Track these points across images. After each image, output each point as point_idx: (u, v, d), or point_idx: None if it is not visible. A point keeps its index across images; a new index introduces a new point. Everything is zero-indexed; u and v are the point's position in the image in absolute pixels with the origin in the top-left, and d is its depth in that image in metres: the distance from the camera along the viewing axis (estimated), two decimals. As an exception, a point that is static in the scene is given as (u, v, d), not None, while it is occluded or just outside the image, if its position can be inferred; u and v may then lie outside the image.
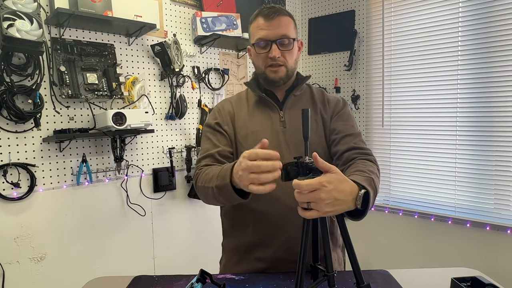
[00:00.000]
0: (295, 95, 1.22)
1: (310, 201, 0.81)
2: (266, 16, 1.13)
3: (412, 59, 2.57)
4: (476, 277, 0.95)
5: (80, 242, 1.97)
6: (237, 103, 1.25)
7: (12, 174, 1.75)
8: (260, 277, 1.05)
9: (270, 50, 1.13)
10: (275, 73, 1.16)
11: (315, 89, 1.29)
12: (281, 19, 1.13)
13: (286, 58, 1.15)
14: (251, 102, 1.24)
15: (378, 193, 1.03)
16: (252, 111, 1.21)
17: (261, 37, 1.13)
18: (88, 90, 1.90)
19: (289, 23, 1.15)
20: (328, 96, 1.26)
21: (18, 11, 1.56)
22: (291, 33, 1.14)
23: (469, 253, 2.35)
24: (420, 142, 2.56)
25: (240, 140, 1.17)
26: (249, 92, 1.27)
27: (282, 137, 1.16)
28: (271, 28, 1.12)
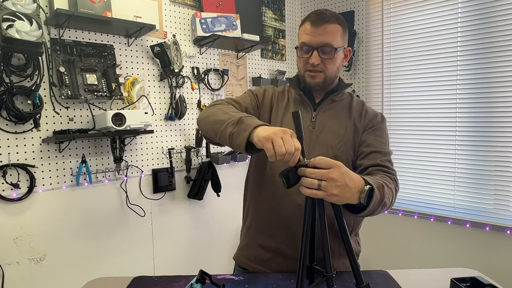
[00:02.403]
0: (333, 100, 1.23)
1: (323, 178, 0.84)
2: (313, 22, 1.13)
3: (412, 59, 2.57)
4: (476, 277, 0.95)
5: (80, 242, 1.97)
6: (280, 94, 1.29)
7: (12, 174, 1.75)
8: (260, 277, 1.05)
9: (310, 56, 1.14)
10: (313, 78, 1.17)
11: (356, 99, 1.30)
12: (327, 27, 1.12)
13: (326, 65, 1.15)
14: (291, 97, 1.27)
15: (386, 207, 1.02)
16: (287, 106, 1.24)
17: (304, 41, 1.15)
18: (87, 91, 1.90)
19: (335, 32, 1.13)
20: (367, 108, 1.26)
21: (17, 12, 1.56)
22: (336, 41, 1.13)
23: (468, 254, 2.36)
24: (420, 143, 2.56)
25: None
26: (290, 89, 1.29)
27: (308, 136, 1.17)
28: (315, 35, 1.13)
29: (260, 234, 1.22)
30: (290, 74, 3.14)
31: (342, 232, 0.88)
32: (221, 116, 1.03)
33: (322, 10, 1.16)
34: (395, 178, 1.11)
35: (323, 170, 0.85)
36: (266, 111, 1.25)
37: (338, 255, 1.16)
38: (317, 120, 1.20)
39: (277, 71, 2.94)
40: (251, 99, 1.25)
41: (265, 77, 2.91)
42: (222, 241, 2.62)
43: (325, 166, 0.85)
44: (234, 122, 0.97)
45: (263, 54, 2.91)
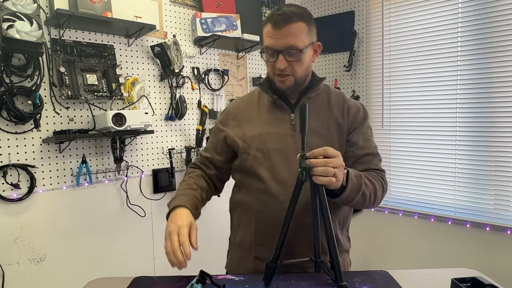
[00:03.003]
0: (309, 97, 1.18)
1: (336, 165, 0.90)
2: (275, 23, 1.07)
3: (412, 59, 2.57)
4: (476, 277, 0.95)
5: (80, 243, 1.97)
6: (248, 104, 1.25)
7: (12, 175, 1.75)
8: (260, 277, 1.05)
9: (276, 60, 1.09)
10: (282, 83, 1.14)
11: (334, 91, 1.25)
12: (290, 28, 1.06)
13: (294, 68, 1.10)
14: (263, 103, 1.22)
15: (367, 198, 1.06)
16: (263, 113, 1.20)
17: (268, 45, 1.10)
18: (88, 91, 1.90)
19: (299, 31, 1.07)
20: (349, 102, 1.21)
21: (18, 12, 1.56)
22: (301, 42, 1.07)
23: (469, 254, 2.35)
24: (420, 143, 2.56)
25: (247, 140, 1.17)
26: (261, 93, 1.24)
27: (291, 141, 1.14)
28: (278, 37, 1.07)
29: (256, 247, 1.17)
30: (290, 74, 3.14)
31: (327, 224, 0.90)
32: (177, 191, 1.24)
33: (284, 9, 1.08)
34: (383, 176, 1.16)
35: (334, 158, 0.90)
36: (234, 129, 1.21)
37: None
38: (296, 122, 1.15)
39: (277, 71, 2.94)
40: (217, 143, 1.25)
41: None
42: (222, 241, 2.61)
43: (332, 154, 0.90)
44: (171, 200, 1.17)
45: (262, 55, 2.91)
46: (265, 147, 1.14)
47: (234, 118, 1.23)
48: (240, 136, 1.19)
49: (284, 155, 1.13)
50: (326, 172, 0.89)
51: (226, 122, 1.24)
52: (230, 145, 1.21)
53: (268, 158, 1.14)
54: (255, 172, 1.15)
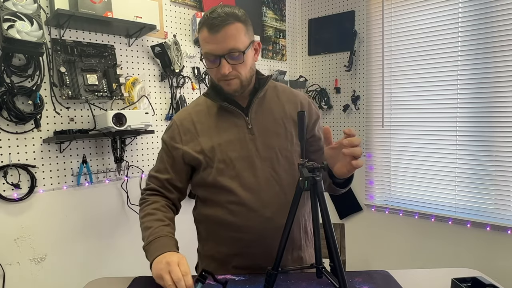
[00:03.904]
0: (259, 97, 1.15)
1: None
2: (210, 28, 1.02)
3: (412, 59, 2.57)
4: (477, 277, 0.95)
5: (81, 243, 1.97)
6: (198, 115, 1.17)
7: (13, 175, 1.75)
8: (260, 277, 1.05)
9: (219, 66, 1.05)
10: (229, 86, 1.09)
11: (280, 86, 1.23)
12: (227, 30, 1.02)
13: (238, 70, 1.07)
14: (213, 112, 1.16)
15: None
16: (216, 121, 1.14)
17: (208, 51, 1.05)
18: (88, 91, 1.90)
19: (237, 32, 1.03)
20: (300, 97, 1.21)
21: (18, 12, 1.56)
22: (241, 43, 1.04)
23: (469, 254, 2.35)
24: (420, 143, 2.56)
25: (207, 153, 1.12)
26: (208, 102, 1.18)
27: (252, 145, 1.11)
28: (217, 42, 1.02)
29: (232, 256, 1.14)
30: (290, 74, 3.14)
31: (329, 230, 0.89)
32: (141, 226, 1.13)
33: (217, 11, 1.03)
34: None
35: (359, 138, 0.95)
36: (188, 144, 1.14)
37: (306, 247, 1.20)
38: (253, 125, 1.13)
39: (277, 71, 2.94)
40: (173, 162, 1.16)
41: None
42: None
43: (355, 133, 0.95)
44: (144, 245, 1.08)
45: (263, 54, 2.91)
46: (227, 156, 1.10)
47: (186, 132, 1.15)
48: (198, 150, 1.12)
49: (248, 161, 1.11)
50: (361, 153, 0.95)
51: (178, 137, 1.16)
52: (189, 162, 1.15)
53: (232, 167, 1.10)
54: (221, 185, 1.11)
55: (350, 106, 2.90)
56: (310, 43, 3.13)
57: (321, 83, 3.07)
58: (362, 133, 2.85)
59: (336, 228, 1.67)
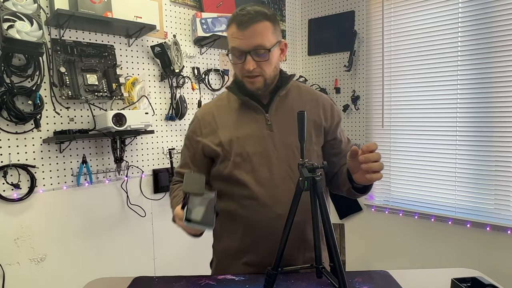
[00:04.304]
0: (280, 95, 1.17)
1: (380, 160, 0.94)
2: (239, 24, 1.05)
3: (412, 59, 2.57)
4: (476, 277, 0.95)
5: (80, 243, 1.97)
6: (219, 109, 1.21)
7: (12, 175, 1.75)
8: (260, 277, 1.05)
9: (244, 62, 1.07)
10: (252, 84, 1.11)
11: (304, 87, 1.25)
12: (255, 27, 1.04)
13: (263, 68, 1.08)
14: (234, 106, 1.19)
15: None
16: (236, 116, 1.17)
17: (235, 46, 1.07)
18: (88, 91, 1.90)
19: (265, 30, 1.06)
20: (322, 99, 1.22)
21: (18, 12, 1.56)
22: (268, 41, 1.06)
23: (469, 254, 2.35)
24: (420, 143, 2.56)
25: (225, 146, 1.14)
26: (230, 96, 1.21)
27: (270, 141, 1.13)
28: (245, 38, 1.05)
29: (243, 253, 1.16)
30: (290, 74, 3.13)
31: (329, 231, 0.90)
32: None
33: (247, 9, 1.07)
34: None
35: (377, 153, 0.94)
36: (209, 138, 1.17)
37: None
38: (272, 122, 1.14)
39: (277, 71, 2.94)
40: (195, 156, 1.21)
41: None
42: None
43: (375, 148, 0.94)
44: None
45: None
46: (244, 151, 1.12)
47: (206, 125, 1.19)
48: (216, 143, 1.15)
49: (264, 157, 1.12)
50: (381, 167, 0.93)
51: (199, 131, 1.20)
52: (209, 155, 1.18)
53: (248, 162, 1.12)
54: (237, 178, 1.12)
55: (350, 106, 2.90)
56: (310, 43, 3.13)
57: (321, 83, 3.07)
58: (362, 133, 2.85)
59: (336, 228, 1.67)
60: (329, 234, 0.89)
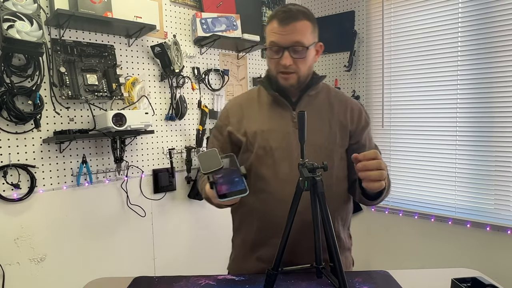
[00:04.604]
0: (310, 95, 1.19)
1: (384, 168, 0.92)
2: (281, 20, 1.08)
3: (412, 59, 2.57)
4: (477, 277, 0.95)
5: (80, 243, 1.97)
6: (248, 102, 1.24)
7: (12, 175, 1.75)
8: (260, 277, 1.05)
9: (281, 57, 1.09)
10: (286, 80, 1.13)
11: (334, 90, 1.26)
12: (296, 25, 1.07)
13: (298, 65, 1.10)
14: (263, 101, 1.21)
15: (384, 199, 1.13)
16: (264, 110, 1.19)
17: (274, 41, 1.10)
18: (88, 91, 1.90)
19: (305, 29, 1.09)
20: (351, 103, 1.23)
21: (18, 12, 1.56)
22: (306, 39, 1.09)
23: (469, 254, 2.35)
24: (420, 143, 2.56)
25: (249, 137, 1.17)
26: (261, 91, 1.24)
27: (294, 139, 1.13)
28: (284, 33, 1.07)
29: (257, 247, 1.18)
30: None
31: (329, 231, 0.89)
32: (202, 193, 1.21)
33: (289, 7, 1.10)
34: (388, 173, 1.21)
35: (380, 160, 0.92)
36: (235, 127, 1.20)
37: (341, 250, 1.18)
38: None
39: (277, 71, 2.94)
40: (223, 143, 1.22)
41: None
42: (222, 241, 2.61)
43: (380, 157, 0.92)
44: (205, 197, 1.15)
45: (263, 54, 2.91)
46: (268, 144, 1.14)
47: (234, 115, 1.22)
48: (242, 133, 1.18)
49: (286, 153, 1.13)
50: (381, 176, 0.91)
51: (227, 119, 1.23)
52: (235, 142, 1.21)
53: (270, 156, 1.14)
54: (256, 171, 1.14)
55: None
56: (310, 43, 3.13)
57: (321, 83, 3.07)
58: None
59: (336, 228, 1.67)
60: (329, 234, 0.88)
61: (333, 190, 1.14)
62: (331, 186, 1.12)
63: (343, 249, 1.25)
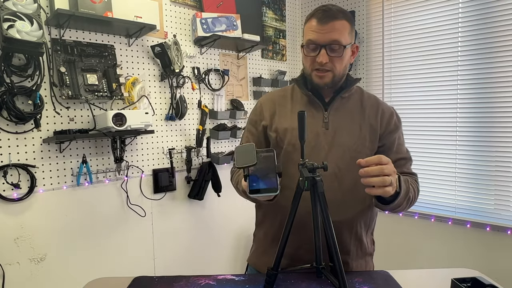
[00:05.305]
0: (343, 97, 1.19)
1: (391, 173, 0.89)
2: (320, 19, 1.08)
3: (412, 59, 2.57)
4: (477, 277, 0.95)
5: (80, 243, 1.97)
6: (281, 98, 1.25)
7: (12, 175, 1.75)
8: (260, 277, 1.05)
9: (318, 54, 1.10)
10: (321, 78, 1.13)
11: (367, 93, 1.26)
12: (335, 24, 1.08)
13: (334, 64, 1.11)
14: (296, 99, 1.22)
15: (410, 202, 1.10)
16: (296, 108, 1.19)
17: (311, 39, 1.10)
18: (88, 91, 1.90)
19: (343, 28, 1.09)
20: (383, 106, 1.23)
21: (18, 12, 1.56)
22: (344, 39, 1.09)
23: (469, 254, 2.35)
24: (420, 142, 2.56)
25: (280, 133, 1.17)
26: (295, 89, 1.25)
27: (323, 138, 1.14)
28: (323, 32, 1.08)
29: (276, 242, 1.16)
30: (290, 74, 3.14)
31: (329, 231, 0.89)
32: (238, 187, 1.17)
33: (329, 6, 1.11)
34: (417, 180, 1.18)
35: (388, 165, 0.89)
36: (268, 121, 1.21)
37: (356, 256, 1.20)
38: (329, 120, 1.16)
39: (277, 71, 2.94)
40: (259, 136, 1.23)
41: (265, 77, 2.91)
42: (222, 241, 2.62)
43: (386, 162, 0.90)
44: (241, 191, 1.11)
45: (263, 54, 2.91)
46: (297, 142, 1.13)
47: (267, 110, 1.23)
48: (273, 129, 1.19)
49: (315, 152, 1.13)
50: (382, 182, 0.89)
51: (261, 114, 1.24)
52: (268, 136, 1.22)
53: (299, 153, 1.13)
54: (284, 167, 1.14)
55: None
56: (310, 43, 3.13)
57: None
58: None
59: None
60: (329, 234, 0.88)
61: (357, 193, 1.12)
62: (356, 189, 1.10)
63: (365, 253, 1.25)
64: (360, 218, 1.19)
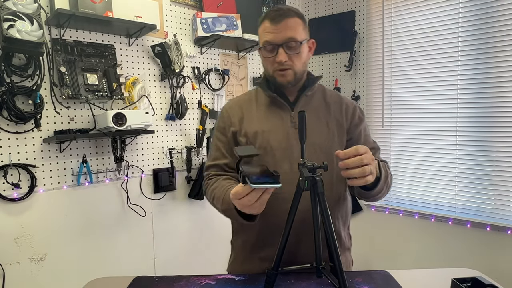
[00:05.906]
0: (307, 95, 1.20)
1: (370, 162, 0.90)
2: (272, 19, 1.11)
3: (412, 59, 2.57)
4: (477, 277, 0.95)
5: (80, 242, 1.97)
6: (247, 102, 1.25)
7: (13, 174, 1.75)
8: (260, 277, 1.05)
9: (276, 54, 1.11)
10: (283, 76, 1.14)
11: (329, 90, 1.28)
12: (287, 21, 1.10)
13: (294, 61, 1.12)
14: (262, 102, 1.22)
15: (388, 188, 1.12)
16: (263, 111, 1.20)
17: (268, 40, 1.12)
18: (88, 91, 1.90)
19: (297, 25, 1.11)
20: (345, 101, 1.25)
21: (18, 12, 1.56)
22: (299, 35, 1.11)
23: (469, 254, 2.35)
24: (420, 143, 2.56)
25: (250, 137, 1.17)
26: (259, 92, 1.25)
27: (294, 139, 1.14)
28: (277, 31, 1.10)
29: (259, 248, 1.17)
30: (290, 74, 3.13)
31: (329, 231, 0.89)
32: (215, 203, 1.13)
33: (279, 6, 1.14)
34: (388, 165, 1.20)
35: (366, 154, 0.90)
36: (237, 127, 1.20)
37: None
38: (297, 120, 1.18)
39: (277, 71, 2.94)
40: (228, 145, 1.21)
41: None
42: (222, 241, 2.61)
43: (363, 151, 0.91)
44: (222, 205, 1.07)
45: (263, 54, 2.91)
46: (268, 144, 1.14)
47: (234, 115, 1.23)
48: (243, 134, 1.19)
49: (287, 153, 1.14)
50: (363, 173, 0.90)
51: (229, 121, 1.23)
52: (239, 142, 1.21)
53: (271, 156, 1.14)
54: None
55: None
56: (310, 43, 3.13)
57: (321, 83, 3.04)
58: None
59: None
60: (329, 234, 0.88)
61: (333, 189, 1.15)
62: (331, 185, 1.13)
63: (343, 248, 1.25)
64: (337, 214, 1.20)
